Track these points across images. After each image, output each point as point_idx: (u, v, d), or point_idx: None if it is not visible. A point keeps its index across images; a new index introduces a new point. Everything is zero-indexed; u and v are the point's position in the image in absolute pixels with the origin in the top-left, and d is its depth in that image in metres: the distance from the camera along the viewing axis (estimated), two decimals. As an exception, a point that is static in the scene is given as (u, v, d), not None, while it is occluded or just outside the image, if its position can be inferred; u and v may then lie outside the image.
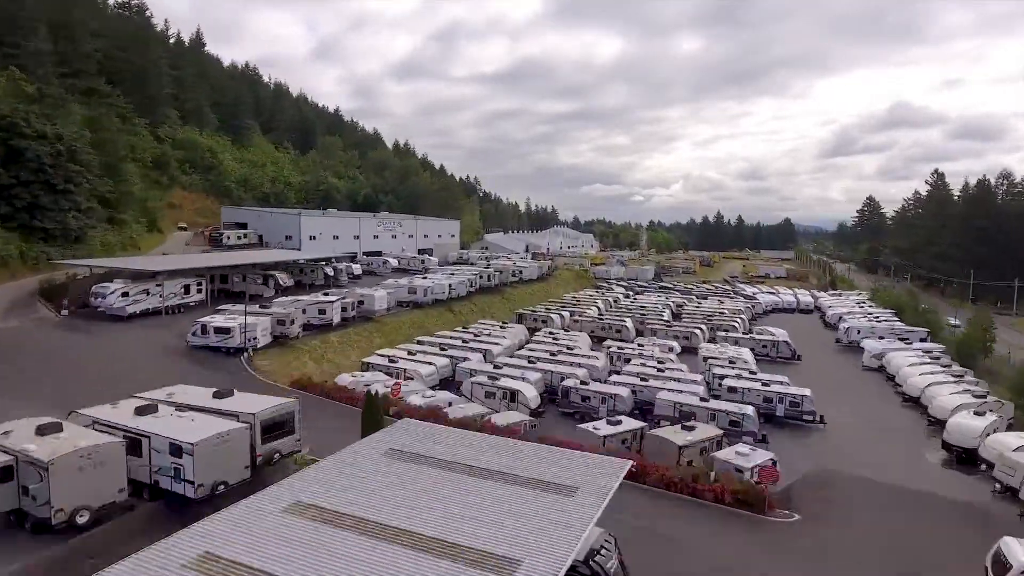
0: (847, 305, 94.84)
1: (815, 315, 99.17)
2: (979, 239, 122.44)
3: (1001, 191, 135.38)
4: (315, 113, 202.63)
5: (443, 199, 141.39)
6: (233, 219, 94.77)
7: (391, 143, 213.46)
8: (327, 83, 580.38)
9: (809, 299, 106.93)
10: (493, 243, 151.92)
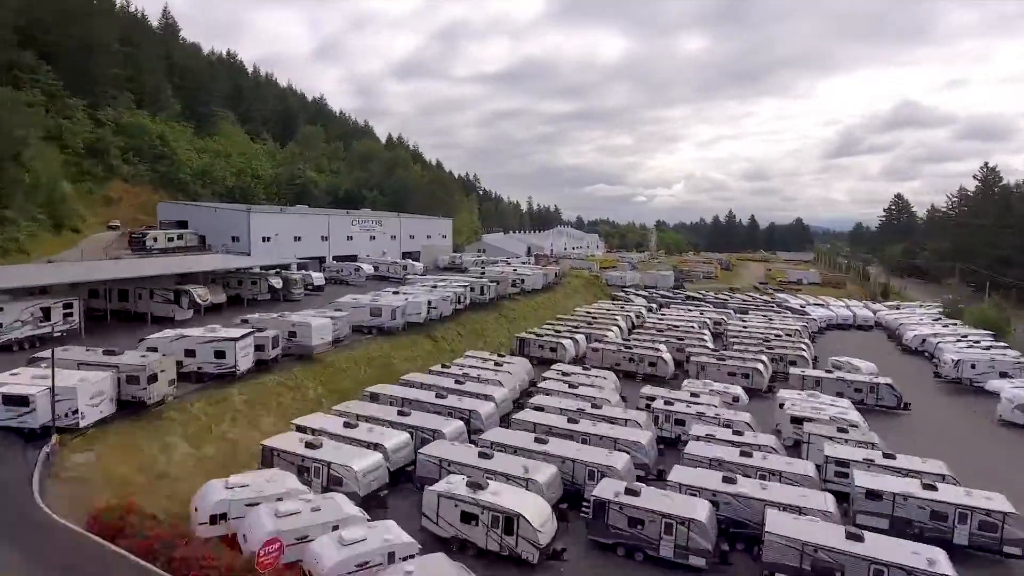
0: (924, 322, 77.37)
1: (877, 333, 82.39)
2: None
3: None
4: (301, 104, 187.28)
5: (435, 195, 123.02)
6: (172, 216, 77.69)
7: (384, 137, 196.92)
8: (329, 83, 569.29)
9: (867, 313, 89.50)
10: (492, 245, 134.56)
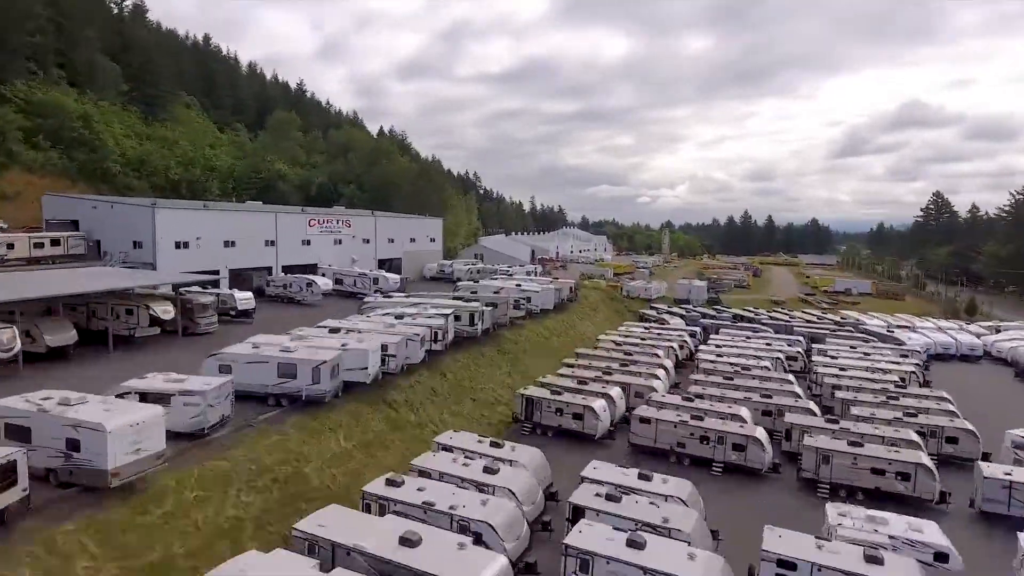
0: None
1: (989, 364, 63.32)
2: None
3: None
4: (282, 93, 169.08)
5: (422, 190, 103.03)
6: (61, 213, 58.24)
7: (376, 132, 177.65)
8: (332, 83, 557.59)
9: (970, 339, 69.50)
10: (491, 249, 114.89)
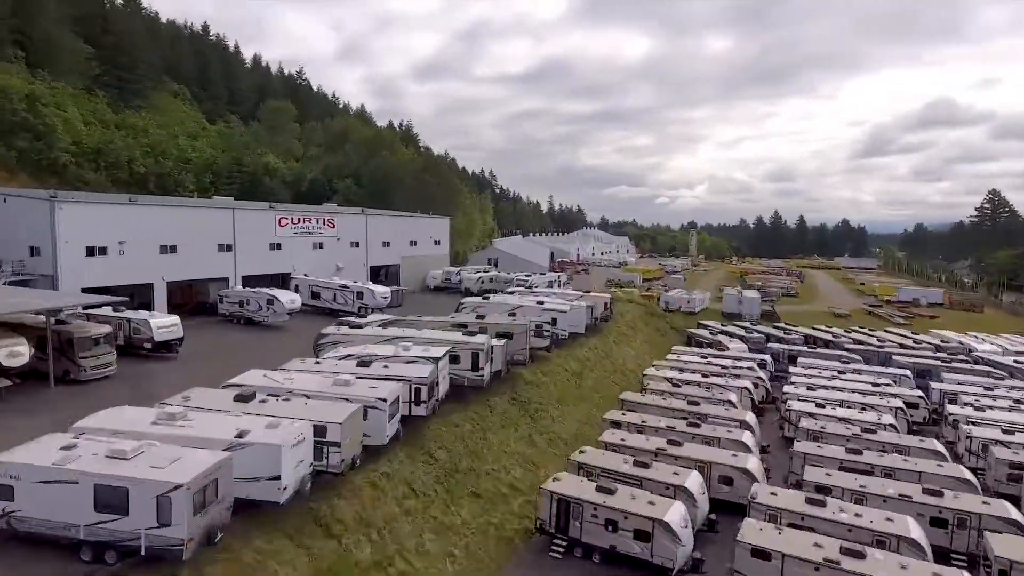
0: None
1: None
2: None
3: None
4: (280, 83, 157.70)
5: (427, 185, 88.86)
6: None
7: (384, 125, 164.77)
8: (350, 83, 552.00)
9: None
10: (505, 252, 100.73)
